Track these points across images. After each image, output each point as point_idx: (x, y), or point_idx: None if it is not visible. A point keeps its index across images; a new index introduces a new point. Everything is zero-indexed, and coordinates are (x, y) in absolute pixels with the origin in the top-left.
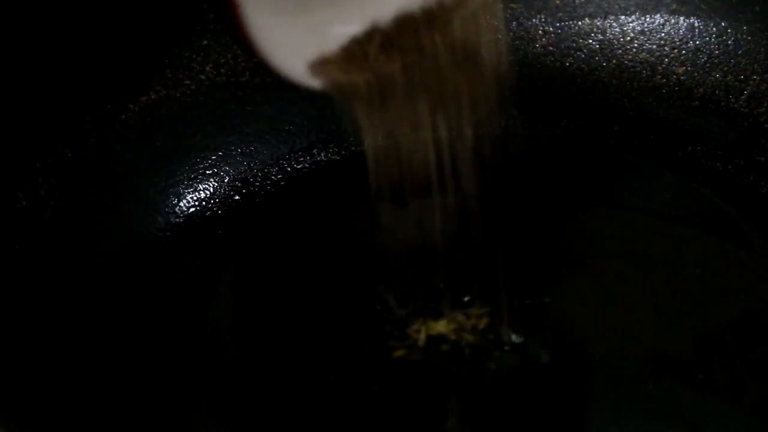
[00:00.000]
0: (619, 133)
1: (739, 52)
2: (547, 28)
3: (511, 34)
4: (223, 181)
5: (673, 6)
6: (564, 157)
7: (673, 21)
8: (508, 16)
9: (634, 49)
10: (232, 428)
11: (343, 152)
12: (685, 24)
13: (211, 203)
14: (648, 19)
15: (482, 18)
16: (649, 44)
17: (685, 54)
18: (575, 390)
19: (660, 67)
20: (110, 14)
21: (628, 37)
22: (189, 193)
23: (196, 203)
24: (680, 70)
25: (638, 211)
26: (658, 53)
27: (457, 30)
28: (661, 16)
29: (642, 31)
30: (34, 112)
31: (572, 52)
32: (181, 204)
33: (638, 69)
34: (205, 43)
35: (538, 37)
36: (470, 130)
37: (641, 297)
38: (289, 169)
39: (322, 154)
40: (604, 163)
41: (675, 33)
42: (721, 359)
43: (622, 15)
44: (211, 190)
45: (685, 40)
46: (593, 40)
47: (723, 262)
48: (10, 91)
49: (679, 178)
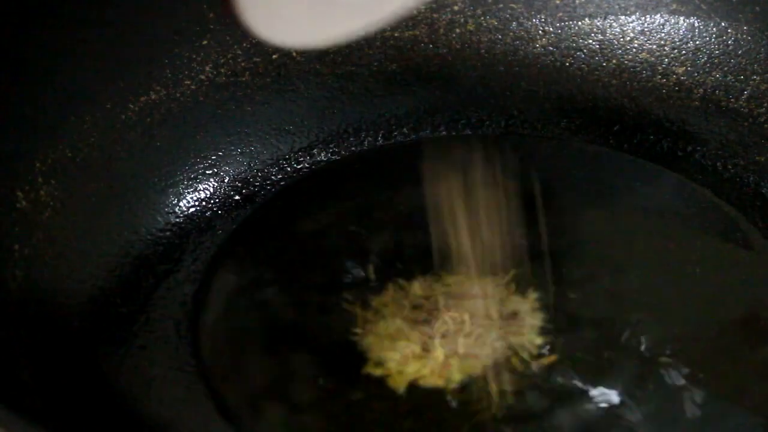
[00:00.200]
0: (619, 133)
1: (739, 52)
2: (547, 28)
3: (511, 34)
4: (223, 181)
5: (673, 6)
6: (564, 157)
7: (673, 21)
8: (508, 16)
9: (634, 49)
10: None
11: (343, 152)
12: (685, 24)
13: (211, 203)
14: (648, 19)
15: None
16: (649, 44)
17: (685, 54)
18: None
19: (660, 67)
20: (110, 14)
21: (628, 37)
22: (189, 193)
23: (196, 203)
24: (680, 70)
25: (638, 211)
26: (658, 53)
27: None
28: (661, 16)
29: (642, 31)
30: (34, 112)
31: (572, 52)
32: (181, 204)
33: (638, 69)
34: (205, 43)
35: (538, 37)
36: None
37: (641, 297)
38: (289, 169)
39: (322, 154)
40: (604, 163)
41: (675, 33)
42: (722, 359)
43: (622, 15)
44: (211, 190)
45: (685, 40)
46: (593, 40)
47: (723, 262)
48: (10, 91)
49: (679, 178)
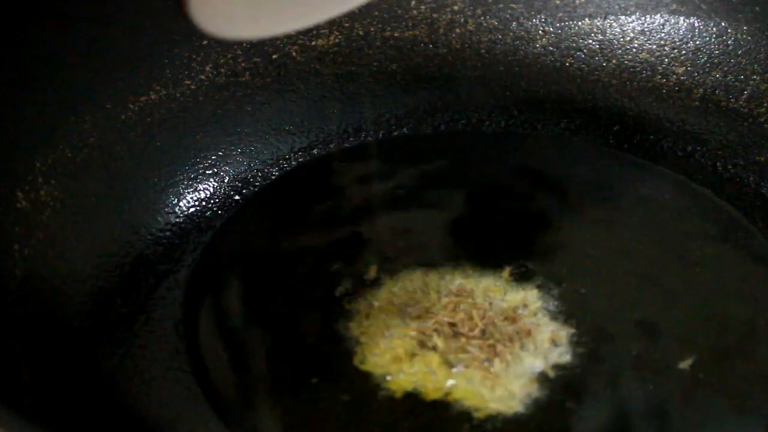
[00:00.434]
0: (619, 133)
1: (739, 52)
2: (547, 28)
3: (511, 34)
4: (223, 181)
5: (673, 6)
6: (564, 157)
7: (673, 21)
8: (508, 16)
9: (634, 49)
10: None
11: (343, 152)
12: (685, 24)
13: (211, 203)
14: (648, 19)
15: None
16: (649, 44)
17: (685, 54)
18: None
19: (660, 67)
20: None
21: (628, 37)
22: (189, 193)
23: (196, 203)
24: (680, 70)
25: (638, 211)
26: (658, 53)
27: None
28: (661, 16)
29: (642, 31)
30: (34, 112)
31: (572, 52)
32: (181, 204)
33: (638, 69)
34: (205, 43)
35: (538, 37)
36: None
37: (641, 297)
38: (289, 169)
39: (322, 154)
40: (604, 163)
41: (675, 33)
42: (722, 359)
43: (622, 15)
44: (211, 190)
45: (685, 40)
46: (593, 40)
47: (723, 262)
48: (10, 91)
49: (679, 178)
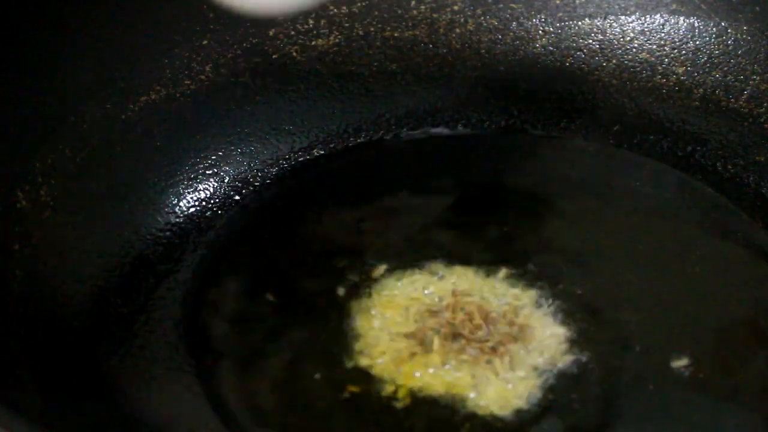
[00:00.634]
0: (619, 133)
1: (739, 52)
2: (547, 28)
3: (511, 34)
4: (223, 181)
5: (673, 6)
6: (564, 157)
7: (673, 21)
8: (508, 16)
9: (634, 49)
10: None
11: (343, 152)
12: (685, 24)
13: (211, 203)
14: (648, 19)
15: None
16: (649, 44)
17: (685, 54)
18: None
19: (660, 67)
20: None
21: (628, 37)
22: (189, 193)
23: (196, 203)
24: (680, 70)
25: (638, 211)
26: (658, 53)
27: None
28: (661, 16)
29: (642, 31)
30: (34, 112)
31: (572, 52)
32: (181, 204)
33: (638, 69)
34: (205, 43)
35: (538, 37)
36: None
37: (641, 296)
38: (289, 169)
39: (322, 154)
40: (604, 163)
41: (675, 33)
42: (722, 359)
43: (622, 15)
44: (211, 190)
45: (685, 40)
46: (593, 40)
47: (723, 262)
48: (10, 91)
49: (679, 177)
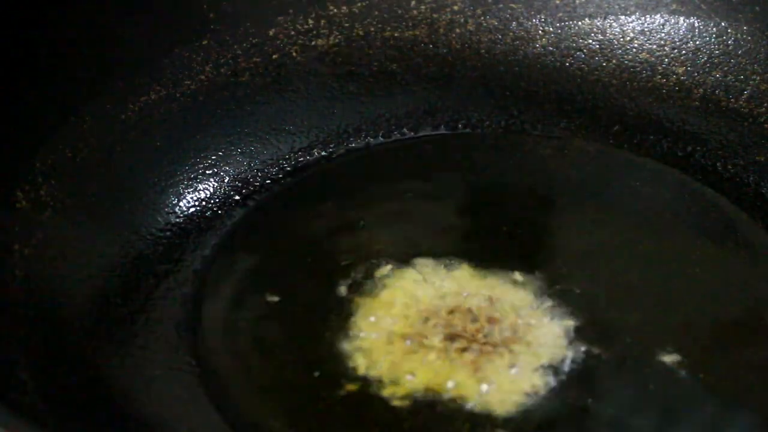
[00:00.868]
0: (619, 133)
1: (739, 52)
2: (547, 28)
3: (511, 34)
4: (223, 181)
5: (673, 6)
6: (564, 157)
7: (673, 21)
8: (508, 16)
9: (634, 49)
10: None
11: (343, 152)
12: (685, 24)
13: (211, 203)
14: (648, 19)
15: None
16: (649, 44)
17: (685, 54)
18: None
19: (660, 67)
20: (110, 14)
21: (628, 37)
22: (189, 193)
23: (196, 203)
24: (680, 70)
25: (638, 211)
26: (658, 53)
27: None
28: (661, 16)
29: (642, 31)
30: (34, 112)
31: (572, 52)
32: (181, 204)
33: (638, 69)
34: (205, 43)
35: (538, 37)
36: None
37: (641, 296)
38: (289, 169)
39: (322, 154)
40: (604, 163)
41: (675, 33)
42: (722, 359)
43: (622, 15)
44: (211, 190)
45: (685, 40)
46: (593, 40)
47: (723, 262)
48: (10, 91)
49: (679, 177)
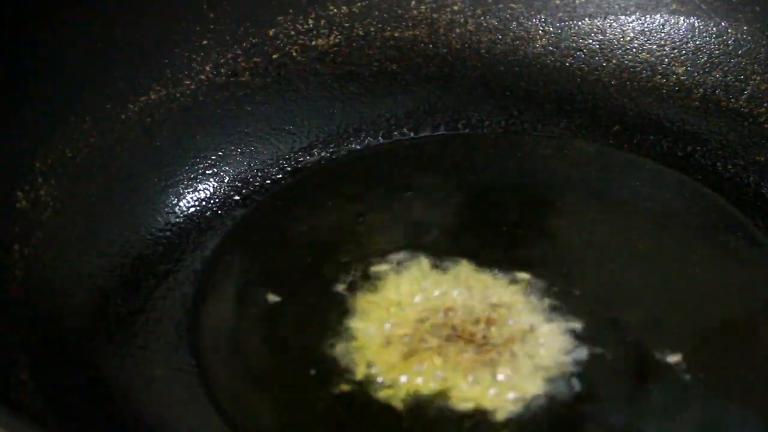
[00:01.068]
0: (619, 133)
1: (739, 52)
2: (547, 28)
3: (511, 34)
4: (223, 181)
5: (673, 6)
6: (564, 157)
7: (673, 21)
8: (508, 16)
9: (634, 49)
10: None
11: (343, 152)
12: (685, 24)
13: (211, 203)
14: (648, 19)
15: None
16: (649, 44)
17: (685, 54)
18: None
19: (660, 67)
20: (110, 14)
21: (628, 37)
22: (189, 193)
23: (196, 203)
24: (680, 70)
25: (638, 211)
26: (658, 53)
27: None
28: (661, 16)
29: (642, 31)
30: (34, 112)
31: (572, 52)
32: (181, 204)
33: (638, 69)
34: (205, 43)
35: (538, 37)
36: None
37: (641, 296)
38: (289, 169)
39: (322, 154)
40: (604, 163)
41: (675, 33)
42: (722, 359)
43: (622, 15)
44: (211, 190)
45: (685, 40)
46: (593, 40)
47: (723, 262)
48: (9, 91)
49: (679, 177)
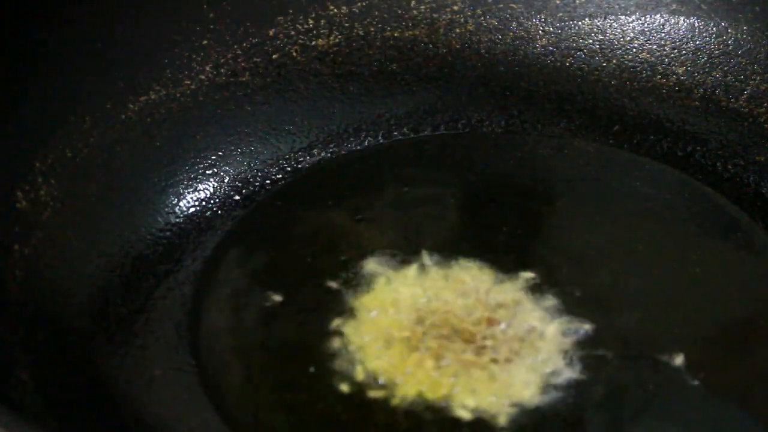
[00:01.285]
0: (619, 133)
1: (739, 52)
2: (547, 28)
3: (511, 34)
4: (223, 181)
5: (673, 6)
6: (564, 157)
7: (673, 21)
8: (508, 16)
9: (634, 49)
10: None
11: (343, 152)
12: (685, 24)
13: (211, 203)
14: (648, 19)
15: None
16: (649, 44)
17: (685, 54)
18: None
19: (660, 67)
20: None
21: (628, 37)
22: (189, 193)
23: (196, 203)
24: (680, 70)
25: (638, 211)
26: (658, 53)
27: None
28: (661, 16)
29: (642, 31)
30: (34, 112)
31: (572, 52)
32: (181, 204)
33: (638, 69)
34: (205, 43)
35: (538, 37)
36: None
37: (641, 297)
38: (289, 169)
39: (322, 154)
40: (604, 163)
41: (675, 33)
42: (722, 359)
43: (622, 15)
44: (211, 190)
45: (685, 40)
46: (593, 40)
47: (723, 262)
48: (10, 91)
49: (679, 177)
